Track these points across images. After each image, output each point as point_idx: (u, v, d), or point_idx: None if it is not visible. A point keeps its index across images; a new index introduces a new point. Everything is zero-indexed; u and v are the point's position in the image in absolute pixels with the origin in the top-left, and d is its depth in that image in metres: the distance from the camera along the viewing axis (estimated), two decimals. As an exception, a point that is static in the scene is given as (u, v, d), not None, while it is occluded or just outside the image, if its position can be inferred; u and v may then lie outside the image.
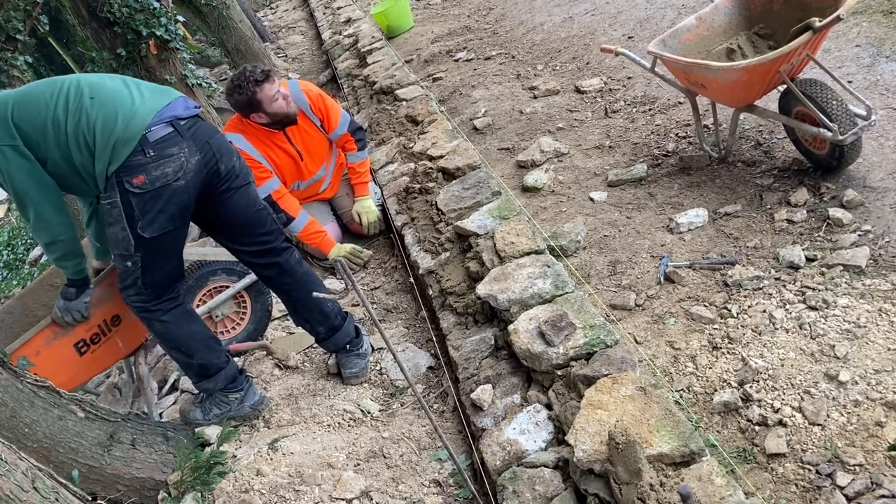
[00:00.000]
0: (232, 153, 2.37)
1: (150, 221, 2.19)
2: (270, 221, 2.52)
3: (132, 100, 2.17)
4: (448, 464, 2.35)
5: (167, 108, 2.18)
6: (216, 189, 2.34)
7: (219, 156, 2.29)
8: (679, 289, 2.59)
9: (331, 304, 2.68)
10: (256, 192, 2.49)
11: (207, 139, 2.27)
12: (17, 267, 7.55)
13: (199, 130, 2.26)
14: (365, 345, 2.84)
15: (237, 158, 2.40)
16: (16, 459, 1.62)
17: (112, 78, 2.26)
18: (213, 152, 2.28)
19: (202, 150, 2.24)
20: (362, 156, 3.96)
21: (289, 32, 10.08)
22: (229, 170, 2.34)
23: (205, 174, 2.26)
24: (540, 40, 5.50)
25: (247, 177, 2.44)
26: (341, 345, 2.75)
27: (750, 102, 2.92)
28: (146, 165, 2.13)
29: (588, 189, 3.39)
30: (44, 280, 3.14)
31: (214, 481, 2.27)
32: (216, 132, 2.35)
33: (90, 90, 2.16)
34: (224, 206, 2.39)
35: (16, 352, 2.52)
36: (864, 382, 1.97)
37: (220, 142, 2.33)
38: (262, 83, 3.31)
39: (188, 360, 2.49)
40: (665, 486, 1.74)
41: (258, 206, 2.48)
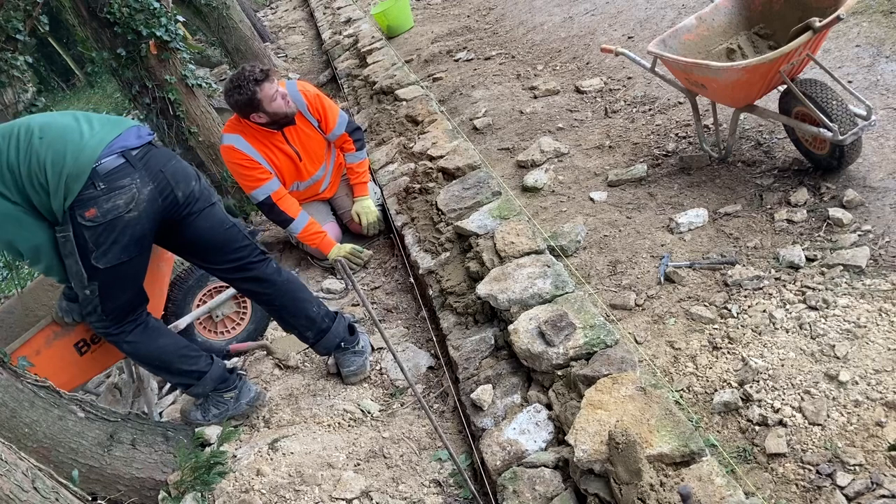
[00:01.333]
0: (189, 177, 2.33)
1: (104, 252, 2.19)
2: (241, 237, 2.49)
3: (81, 134, 2.15)
4: (448, 464, 2.35)
5: (117, 140, 2.16)
6: (177, 215, 2.32)
7: (174, 183, 2.26)
8: (679, 289, 2.59)
9: (315, 308, 2.66)
10: (221, 211, 2.45)
11: (161, 167, 2.24)
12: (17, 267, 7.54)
13: (152, 159, 2.23)
14: (362, 342, 2.82)
15: (196, 181, 2.36)
16: (16, 459, 1.62)
17: (63, 114, 2.24)
18: (167, 180, 2.25)
19: (155, 179, 2.21)
20: (361, 156, 3.96)
21: (289, 32, 10.08)
22: (188, 195, 2.31)
23: (160, 203, 2.24)
24: (540, 40, 5.50)
25: (209, 198, 2.40)
26: (333, 346, 2.74)
27: (750, 102, 2.92)
28: (97, 198, 2.11)
29: (588, 189, 3.39)
30: (44, 280, 3.14)
31: (214, 481, 2.27)
32: (171, 158, 2.31)
33: (39, 130, 2.14)
34: (189, 231, 2.38)
35: (16, 352, 2.53)
36: (864, 382, 1.97)
37: (175, 168, 2.29)
38: (261, 82, 3.31)
39: (167, 372, 2.51)
40: (665, 486, 1.74)
41: (225, 224, 2.45)
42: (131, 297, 2.37)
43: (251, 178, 3.54)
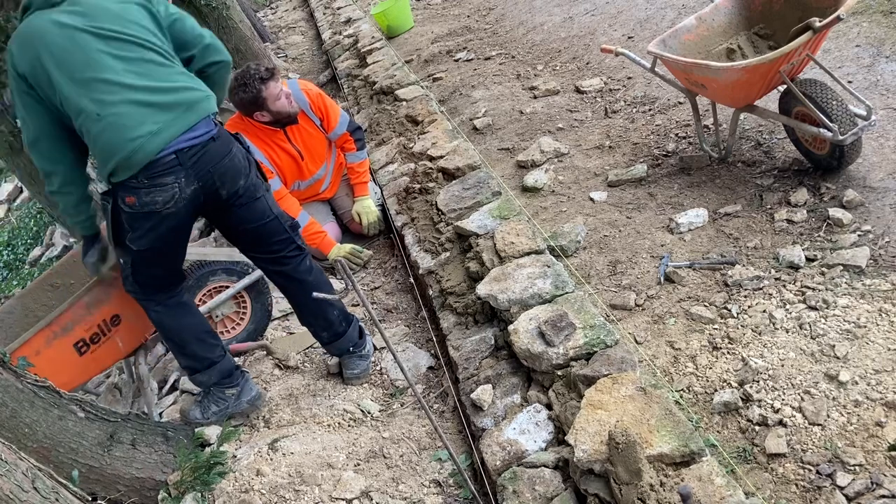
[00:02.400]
0: (238, 176, 2.27)
1: (139, 237, 2.20)
2: (280, 231, 2.46)
3: (143, 128, 2.06)
4: (448, 464, 2.35)
5: (181, 137, 2.11)
6: (220, 206, 2.31)
7: (220, 182, 2.22)
8: (679, 289, 2.59)
9: (336, 312, 2.65)
10: (265, 204, 2.40)
11: (211, 167, 2.18)
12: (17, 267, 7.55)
13: (205, 157, 2.17)
14: (368, 346, 2.83)
15: (245, 178, 2.30)
16: (16, 459, 1.62)
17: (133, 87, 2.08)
18: (213, 180, 2.20)
19: (202, 178, 2.17)
20: (361, 156, 3.96)
21: (289, 32, 10.08)
22: (232, 193, 2.27)
23: (202, 199, 2.22)
24: (540, 40, 5.50)
25: (254, 193, 2.35)
26: (344, 349, 2.75)
27: (750, 102, 2.92)
28: (139, 189, 2.11)
29: (588, 189, 3.39)
30: (44, 280, 3.14)
31: (214, 481, 2.27)
32: (224, 155, 2.23)
33: (99, 104, 2.04)
34: (230, 219, 2.38)
35: (16, 352, 2.53)
36: (864, 382, 1.97)
37: (225, 167, 2.22)
38: (266, 81, 3.33)
39: (180, 352, 2.51)
40: (665, 486, 1.74)
41: (266, 218, 2.41)
42: (163, 274, 2.39)
43: None
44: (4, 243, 8.11)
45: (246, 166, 2.31)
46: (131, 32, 2.12)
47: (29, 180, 4.43)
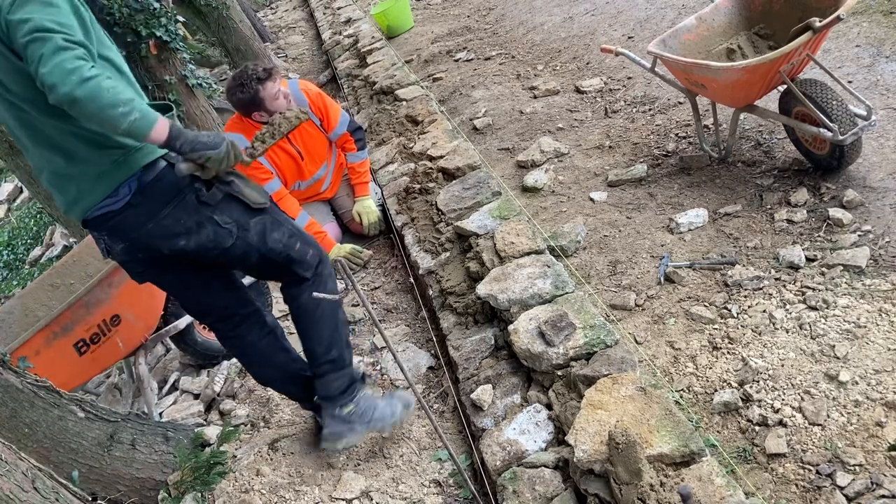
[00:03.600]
0: (174, 237, 1.91)
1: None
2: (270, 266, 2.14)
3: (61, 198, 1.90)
4: (448, 464, 2.35)
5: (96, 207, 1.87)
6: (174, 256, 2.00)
7: (152, 244, 1.92)
8: (679, 289, 2.59)
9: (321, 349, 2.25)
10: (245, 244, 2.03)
11: (131, 233, 1.90)
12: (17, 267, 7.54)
13: (120, 225, 1.89)
14: (352, 408, 2.30)
15: (190, 236, 1.93)
16: (16, 460, 1.63)
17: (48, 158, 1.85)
18: (141, 242, 1.92)
19: (126, 240, 1.93)
20: (362, 156, 3.96)
21: (289, 32, 10.08)
22: (176, 250, 1.94)
23: (142, 255, 1.97)
24: (540, 40, 5.50)
25: (216, 245, 1.97)
26: (319, 394, 2.33)
27: (750, 102, 2.92)
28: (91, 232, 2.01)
29: (588, 189, 3.39)
30: (44, 280, 3.14)
31: (214, 481, 2.27)
32: (149, 220, 1.88)
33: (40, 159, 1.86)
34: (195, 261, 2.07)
35: (16, 352, 2.53)
36: (864, 382, 1.97)
37: (151, 232, 1.89)
38: (264, 81, 3.32)
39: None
40: (665, 486, 1.74)
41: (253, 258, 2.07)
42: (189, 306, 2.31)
43: (252, 177, 3.52)
44: (4, 243, 8.10)
45: (190, 225, 1.91)
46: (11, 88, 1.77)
47: (29, 180, 4.43)
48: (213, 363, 3.32)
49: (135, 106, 1.65)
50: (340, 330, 2.29)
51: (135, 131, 1.67)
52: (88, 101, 1.58)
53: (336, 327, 2.28)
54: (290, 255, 2.12)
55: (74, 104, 1.59)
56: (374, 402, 2.36)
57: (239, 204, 2.00)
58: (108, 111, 1.61)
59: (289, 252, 2.11)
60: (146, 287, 2.47)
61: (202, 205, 1.92)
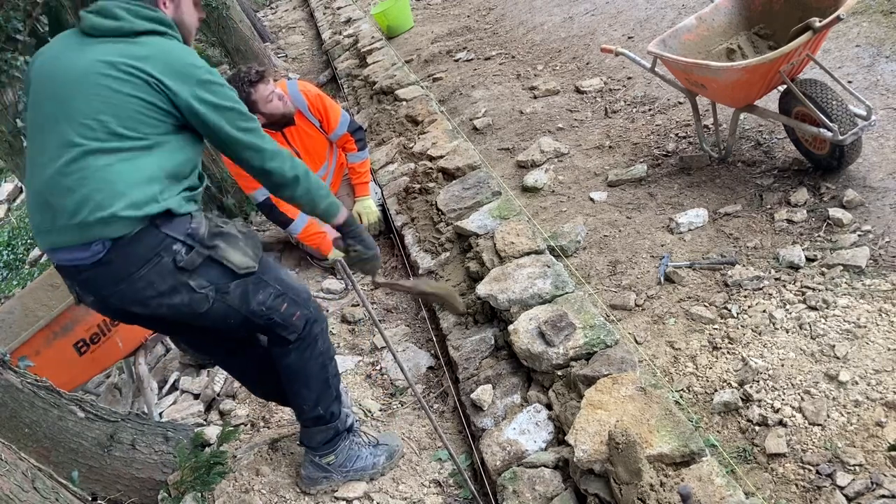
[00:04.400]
0: (147, 299, 1.78)
1: None
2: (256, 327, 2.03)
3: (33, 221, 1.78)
4: (448, 464, 2.35)
5: (55, 252, 1.76)
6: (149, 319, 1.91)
7: (123, 306, 1.81)
8: (679, 289, 2.59)
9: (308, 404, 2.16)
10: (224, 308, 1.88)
11: (101, 291, 1.78)
12: (17, 267, 7.54)
13: (92, 280, 1.77)
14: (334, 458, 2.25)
15: (170, 297, 1.79)
16: (16, 460, 1.63)
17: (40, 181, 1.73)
18: (112, 303, 1.81)
19: (95, 297, 1.82)
20: (362, 156, 3.96)
21: (289, 32, 10.08)
22: (147, 315, 1.83)
23: (113, 312, 1.91)
24: (540, 40, 5.50)
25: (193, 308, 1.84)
26: (303, 441, 2.27)
27: (750, 102, 2.92)
28: None
29: (588, 189, 3.39)
30: (44, 280, 3.14)
31: (214, 481, 2.27)
32: (121, 280, 1.74)
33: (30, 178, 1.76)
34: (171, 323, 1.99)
35: (16, 352, 2.53)
36: (864, 382, 1.97)
37: (123, 293, 1.76)
38: (256, 84, 3.30)
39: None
40: (665, 486, 1.74)
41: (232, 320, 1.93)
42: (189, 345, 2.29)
43: (250, 178, 3.53)
44: (4, 243, 8.10)
45: (162, 289, 1.77)
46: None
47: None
48: (213, 363, 3.32)
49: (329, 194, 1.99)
50: (330, 385, 2.17)
51: (328, 212, 2.00)
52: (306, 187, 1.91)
53: (325, 384, 2.16)
54: (272, 318, 1.96)
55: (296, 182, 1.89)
56: (358, 451, 2.31)
57: (216, 268, 1.84)
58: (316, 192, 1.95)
59: (271, 315, 1.96)
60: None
61: (179, 270, 1.78)
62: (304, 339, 2.05)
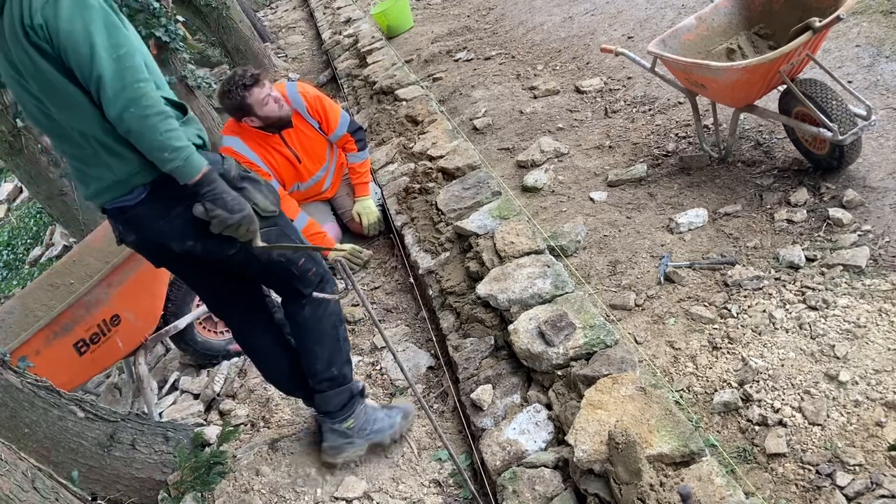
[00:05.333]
0: (182, 236, 1.92)
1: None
2: (272, 276, 2.15)
3: (80, 189, 1.96)
4: (448, 464, 2.35)
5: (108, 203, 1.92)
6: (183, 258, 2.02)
7: (161, 240, 1.94)
8: (679, 289, 2.59)
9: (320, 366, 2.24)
10: (244, 257, 2.01)
11: (144, 226, 1.93)
12: (17, 267, 7.55)
13: (133, 219, 1.92)
14: (352, 423, 2.31)
15: (197, 238, 1.92)
16: (16, 460, 1.63)
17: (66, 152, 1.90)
18: (152, 237, 1.94)
19: (138, 234, 1.96)
20: (363, 156, 3.96)
21: (289, 32, 10.08)
22: (185, 250, 1.95)
23: (155, 248, 2.01)
24: (540, 40, 5.50)
25: (218, 251, 1.98)
26: (318, 410, 2.35)
27: (750, 102, 2.92)
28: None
29: (588, 189, 3.39)
30: (44, 280, 3.14)
31: (214, 481, 2.27)
32: (159, 218, 1.90)
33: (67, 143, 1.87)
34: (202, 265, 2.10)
35: (16, 352, 2.53)
36: (864, 382, 1.97)
37: (161, 229, 1.91)
38: (250, 87, 3.29)
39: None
40: (665, 486, 1.74)
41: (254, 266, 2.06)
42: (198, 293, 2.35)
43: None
44: (4, 243, 8.11)
45: (191, 233, 1.91)
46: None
47: (29, 180, 4.43)
48: (213, 363, 3.32)
49: (180, 155, 1.74)
50: (341, 346, 2.28)
51: (176, 174, 1.77)
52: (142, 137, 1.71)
53: (337, 344, 2.26)
54: (291, 270, 2.10)
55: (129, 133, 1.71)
56: (374, 414, 2.37)
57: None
58: (156, 153, 1.73)
59: (290, 266, 2.09)
60: (146, 287, 2.48)
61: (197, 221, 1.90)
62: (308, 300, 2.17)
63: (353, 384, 2.33)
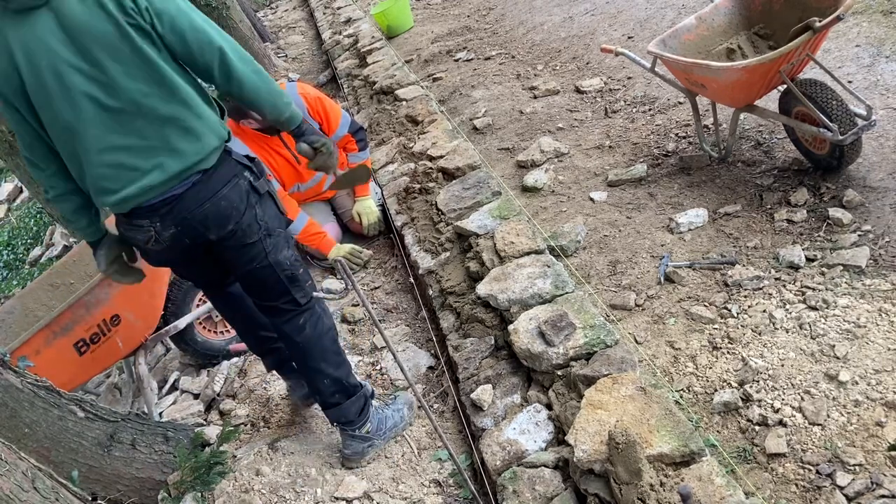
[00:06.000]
0: (225, 219, 2.00)
1: (146, 258, 2.18)
2: (274, 280, 2.17)
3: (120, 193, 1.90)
4: (448, 464, 2.35)
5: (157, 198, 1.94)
6: (210, 245, 2.09)
7: (204, 228, 2.00)
8: (679, 289, 2.59)
9: (327, 382, 2.30)
10: (262, 249, 2.11)
11: (187, 213, 1.96)
12: (17, 267, 7.54)
13: (180, 205, 1.96)
14: (370, 426, 2.40)
15: (237, 220, 2.02)
16: (16, 459, 1.63)
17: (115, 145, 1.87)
18: (194, 226, 1.98)
19: (179, 223, 1.98)
20: (363, 156, 3.96)
21: (289, 32, 10.08)
22: (221, 237, 2.03)
23: (188, 242, 2.03)
24: (540, 40, 5.50)
25: (246, 237, 2.06)
26: (336, 421, 2.40)
27: (750, 102, 2.92)
28: (121, 223, 2.04)
29: (588, 189, 3.39)
30: (44, 280, 3.14)
31: (214, 481, 2.27)
32: (204, 202, 1.97)
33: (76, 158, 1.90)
34: (223, 258, 2.16)
35: (16, 352, 2.53)
36: (864, 382, 1.97)
37: (207, 212, 1.98)
38: None
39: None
40: (665, 486, 1.74)
41: (257, 263, 2.12)
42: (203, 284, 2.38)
43: None
44: (4, 243, 8.10)
45: (240, 208, 2.03)
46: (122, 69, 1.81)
47: (28, 180, 4.43)
48: (213, 363, 3.32)
49: (290, 102, 2.06)
50: (343, 358, 2.37)
51: (290, 119, 2.06)
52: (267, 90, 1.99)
53: (339, 357, 2.34)
54: (293, 273, 2.19)
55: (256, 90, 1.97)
56: (383, 412, 2.49)
57: (273, 207, 2.15)
58: (278, 100, 2.03)
59: (293, 271, 2.18)
60: (146, 287, 2.47)
61: (252, 191, 2.07)
62: (312, 308, 2.27)
63: (364, 389, 2.40)
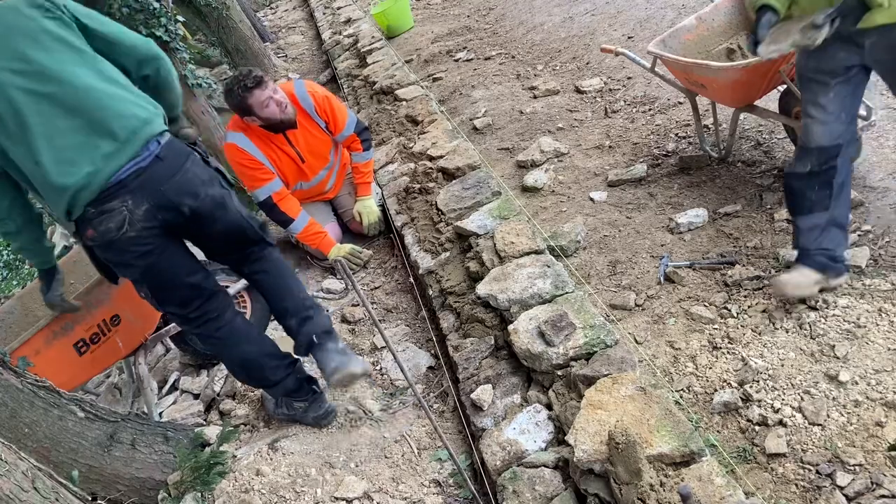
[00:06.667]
0: (197, 187, 2.11)
1: (121, 269, 2.19)
2: (251, 230, 2.32)
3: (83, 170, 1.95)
4: (448, 464, 2.35)
5: (118, 173, 1.99)
6: (186, 220, 2.14)
7: (178, 199, 2.06)
8: (679, 289, 2.59)
9: (302, 296, 2.44)
10: (234, 206, 2.25)
11: (161, 185, 2.03)
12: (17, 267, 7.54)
13: (150, 178, 2.02)
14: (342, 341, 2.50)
15: (206, 187, 2.14)
16: (16, 459, 1.63)
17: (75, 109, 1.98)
18: (167, 198, 2.05)
19: (152, 197, 2.03)
20: (367, 156, 3.96)
21: (289, 32, 10.08)
22: (195, 208, 2.11)
23: (161, 218, 2.07)
24: (540, 40, 5.50)
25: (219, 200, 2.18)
26: (315, 332, 2.43)
27: (750, 102, 2.92)
28: (92, 220, 2.01)
29: (588, 189, 3.39)
30: (44, 280, 3.13)
31: (214, 481, 2.27)
32: (176, 171, 2.08)
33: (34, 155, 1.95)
34: (201, 229, 2.23)
35: (16, 352, 2.53)
36: (864, 382, 1.97)
37: (179, 183, 2.07)
38: (251, 90, 3.31)
39: (245, 376, 2.54)
40: (665, 486, 1.74)
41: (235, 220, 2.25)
42: (181, 295, 2.29)
43: (253, 177, 3.55)
44: (4, 243, 8.10)
45: (205, 178, 2.15)
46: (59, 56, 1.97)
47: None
48: (213, 363, 3.32)
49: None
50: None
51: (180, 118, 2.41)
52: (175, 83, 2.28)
53: (297, 278, 2.57)
54: (258, 220, 2.39)
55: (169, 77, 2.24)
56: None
57: (221, 174, 2.30)
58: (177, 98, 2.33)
59: (257, 219, 2.38)
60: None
61: (206, 163, 2.22)
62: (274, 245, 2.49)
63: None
